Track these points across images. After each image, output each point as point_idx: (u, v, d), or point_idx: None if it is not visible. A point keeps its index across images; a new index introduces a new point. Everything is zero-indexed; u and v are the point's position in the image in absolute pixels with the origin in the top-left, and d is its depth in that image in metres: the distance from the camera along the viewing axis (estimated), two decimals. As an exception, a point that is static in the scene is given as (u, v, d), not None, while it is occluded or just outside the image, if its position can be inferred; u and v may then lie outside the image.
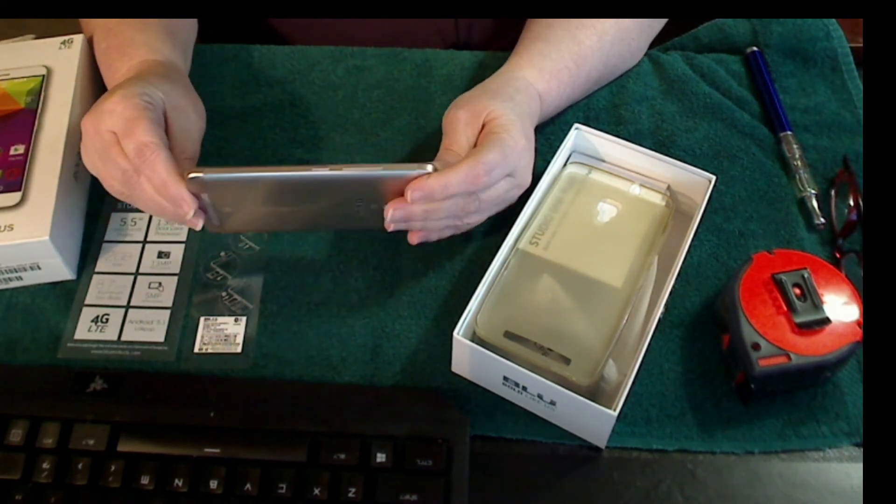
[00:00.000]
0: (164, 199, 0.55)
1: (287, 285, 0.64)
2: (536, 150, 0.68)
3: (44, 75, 0.69)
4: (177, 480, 0.53)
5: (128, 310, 0.63)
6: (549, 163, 0.64)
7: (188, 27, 0.72)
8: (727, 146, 0.71)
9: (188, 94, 0.63)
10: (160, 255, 0.66)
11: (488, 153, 0.57)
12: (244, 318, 0.62)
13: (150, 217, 0.68)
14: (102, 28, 0.68)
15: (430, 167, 0.55)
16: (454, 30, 0.84)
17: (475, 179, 0.56)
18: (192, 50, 0.72)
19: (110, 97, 0.56)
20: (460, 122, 0.61)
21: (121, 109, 0.55)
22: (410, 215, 0.56)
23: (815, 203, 0.67)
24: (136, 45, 0.65)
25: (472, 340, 0.56)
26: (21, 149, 0.64)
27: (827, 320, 0.55)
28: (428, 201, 0.56)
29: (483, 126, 0.60)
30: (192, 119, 0.61)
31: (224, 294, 0.64)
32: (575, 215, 0.64)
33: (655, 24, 0.74)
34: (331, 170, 0.54)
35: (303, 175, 0.54)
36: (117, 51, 0.66)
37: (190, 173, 0.54)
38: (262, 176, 0.54)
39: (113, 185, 0.58)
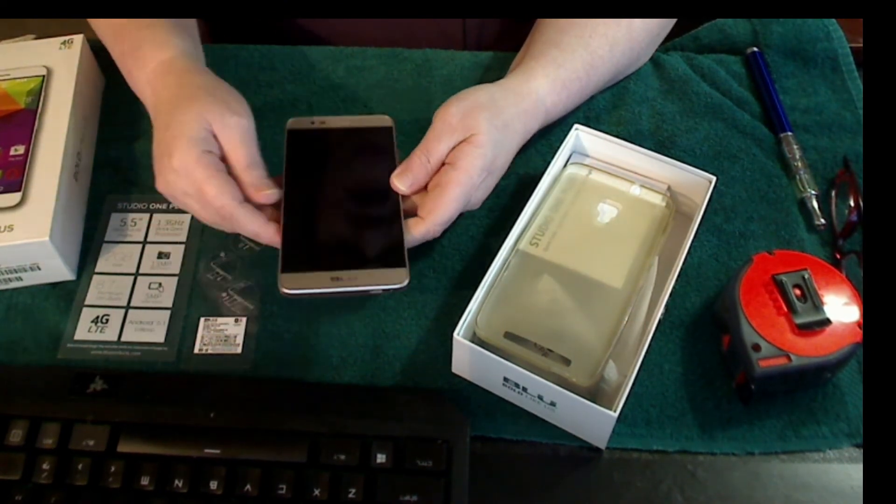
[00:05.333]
0: (261, 241, 0.60)
1: (287, 286, 0.64)
2: (537, 150, 0.69)
3: (44, 75, 0.69)
4: (177, 481, 0.53)
5: (128, 310, 0.63)
6: (549, 163, 0.64)
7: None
8: (727, 147, 0.71)
9: (220, 92, 0.61)
10: (160, 255, 0.66)
11: (441, 214, 0.59)
12: (244, 319, 0.62)
13: (150, 217, 0.68)
14: (111, 33, 0.68)
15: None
16: (461, 33, 0.84)
17: (430, 238, 0.60)
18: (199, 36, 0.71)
19: (170, 163, 0.58)
20: (448, 127, 0.61)
21: (184, 174, 0.58)
22: None
23: (815, 204, 0.67)
24: (143, 45, 0.65)
25: (473, 341, 0.56)
26: (21, 149, 0.64)
27: (827, 321, 0.55)
28: None
29: (460, 141, 0.61)
30: (231, 126, 0.59)
31: (224, 294, 0.64)
32: (575, 216, 0.64)
33: (662, 31, 0.74)
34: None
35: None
36: (131, 56, 0.65)
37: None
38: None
39: (207, 223, 0.61)
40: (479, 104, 0.62)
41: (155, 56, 0.64)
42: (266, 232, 0.59)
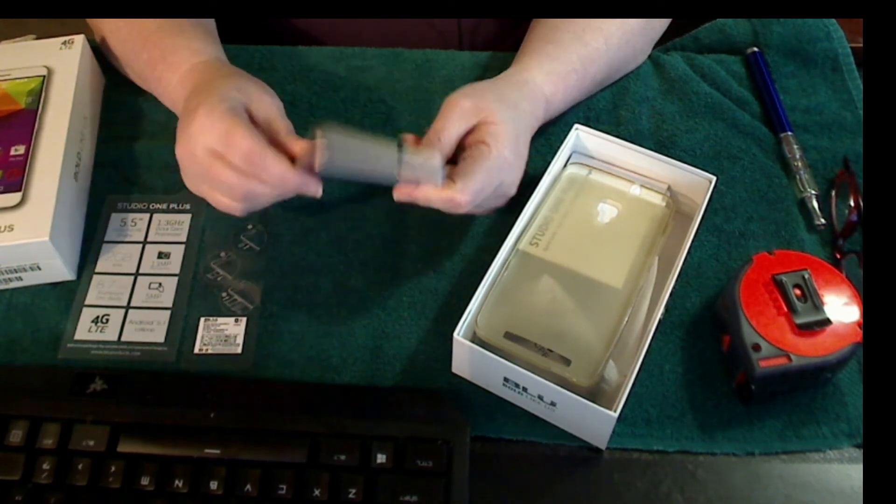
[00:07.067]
0: (288, 190, 0.57)
1: (287, 286, 0.64)
2: (537, 150, 0.69)
3: (44, 76, 0.69)
4: (177, 481, 0.53)
5: (128, 310, 0.63)
6: (549, 163, 0.64)
7: (213, 23, 0.72)
8: (727, 147, 0.71)
9: (251, 79, 0.62)
10: (160, 255, 0.66)
11: (473, 181, 0.58)
12: (244, 319, 0.62)
13: (150, 217, 0.68)
14: (138, 38, 0.68)
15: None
16: (457, 36, 0.84)
17: (456, 206, 0.58)
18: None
19: (195, 117, 0.56)
20: (458, 109, 0.60)
21: (210, 125, 0.56)
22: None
23: (815, 204, 0.67)
24: (177, 50, 0.65)
25: (473, 341, 0.56)
26: (21, 149, 0.64)
27: (827, 321, 0.55)
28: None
29: (477, 125, 0.60)
30: (268, 102, 0.60)
31: (224, 294, 0.64)
32: (575, 216, 0.64)
33: (659, 27, 0.74)
34: None
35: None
36: (162, 61, 0.66)
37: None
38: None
39: (222, 202, 0.59)
40: (485, 90, 0.63)
41: (190, 59, 0.64)
42: (295, 175, 0.56)
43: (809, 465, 0.56)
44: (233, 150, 0.55)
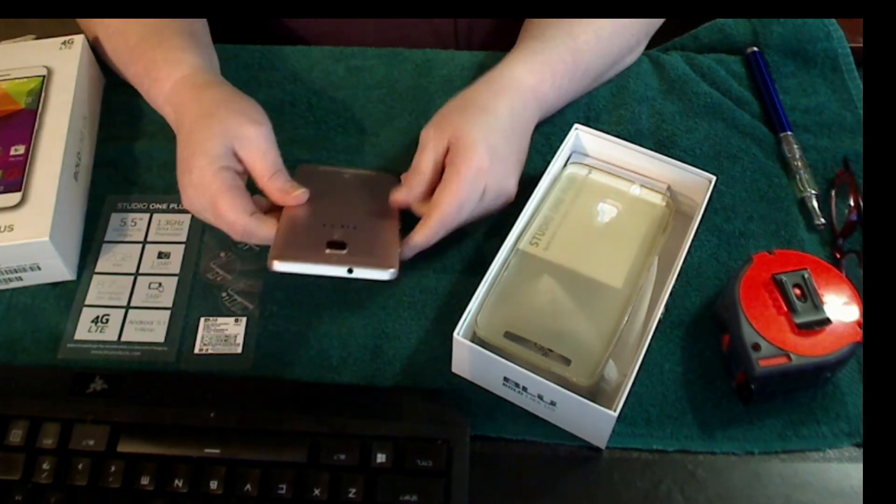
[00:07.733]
0: None
1: (287, 286, 0.64)
2: (537, 150, 0.68)
3: (44, 76, 0.69)
4: (177, 481, 0.53)
5: (128, 310, 0.63)
6: (549, 163, 0.64)
7: (202, 22, 0.73)
8: (727, 146, 0.71)
9: (234, 110, 0.62)
10: (160, 255, 0.66)
11: (445, 205, 0.59)
12: (244, 319, 0.62)
13: (150, 217, 0.68)
14: (124, 51, 0.69)
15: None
16: (454, 34, 0.84)
17: (441, 230, 0.60)
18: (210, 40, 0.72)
19: (190, 179, 0.60)
20: (429, 139, 0.62)
21: (202, 188, 0.59)
22: None
23: (815, 203, 0.67)
24: (158, 64, 0.66)
25: (473, 341, 0.56)
26: (21, 149, 0.64)
27: (827, 321, 0.55)
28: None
29: (449, 145, 0.61)
30: (252, 138, 0.60)
31: (224, 294, 0.64)
32: (575, 216, 0.64)
33: (654, 20, 0.74)
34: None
35: None
36: (147, 76, 0.67)
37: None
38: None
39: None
40: (449, 108, 0.64)
41: (171, 75, 0.65)
42: None
43: (809, 465, 0.56)
44: (220, 220, 0.60)
